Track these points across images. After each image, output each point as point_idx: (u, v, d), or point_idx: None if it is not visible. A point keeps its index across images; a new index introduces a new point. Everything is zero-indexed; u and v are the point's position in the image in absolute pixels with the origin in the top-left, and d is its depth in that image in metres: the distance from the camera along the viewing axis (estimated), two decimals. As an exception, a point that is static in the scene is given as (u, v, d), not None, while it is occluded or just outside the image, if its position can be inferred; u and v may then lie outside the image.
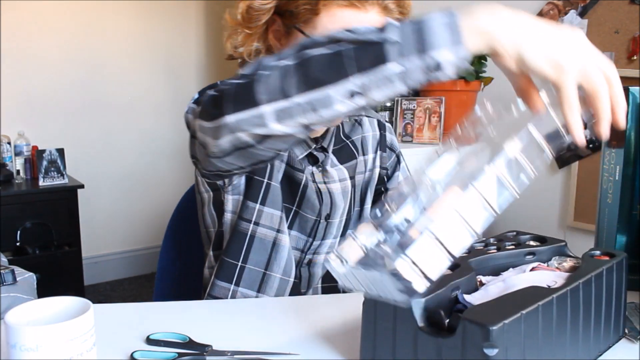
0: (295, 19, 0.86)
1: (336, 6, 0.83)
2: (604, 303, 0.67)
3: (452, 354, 0.54)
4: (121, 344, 0.73)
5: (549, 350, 0.59)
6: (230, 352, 0.71)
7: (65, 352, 0.55)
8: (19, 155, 2.85)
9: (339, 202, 1.02)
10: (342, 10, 0.83)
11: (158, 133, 3.47)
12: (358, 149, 1.07)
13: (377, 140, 1.10)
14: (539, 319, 0.57)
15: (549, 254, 0.76)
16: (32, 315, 0.60)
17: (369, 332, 0.63)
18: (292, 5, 0.86)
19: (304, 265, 1.02)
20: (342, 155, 1.04)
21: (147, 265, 3.44)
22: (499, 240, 0.79)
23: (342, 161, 1.04)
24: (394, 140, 1.15)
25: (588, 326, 0.65)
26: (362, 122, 1.10)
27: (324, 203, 1.00)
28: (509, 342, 0.53)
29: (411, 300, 0.53)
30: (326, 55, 0.57)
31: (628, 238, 0.95)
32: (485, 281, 0.69)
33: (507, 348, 0.53)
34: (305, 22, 0.85)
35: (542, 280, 0.66)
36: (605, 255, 0.71)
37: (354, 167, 1.05)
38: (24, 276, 0.96)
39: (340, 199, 1.02)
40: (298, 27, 0.86)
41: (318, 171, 1.01)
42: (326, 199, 1.00)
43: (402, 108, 1.94)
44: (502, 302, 0.57)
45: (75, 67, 3.15)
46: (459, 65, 0.55)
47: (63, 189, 2.77)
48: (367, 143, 1.09)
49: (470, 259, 0.70)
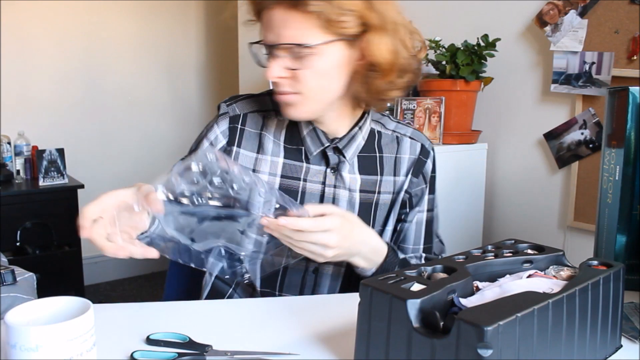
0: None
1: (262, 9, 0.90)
2: (600, 312, 0.67)
3: (446, 355, 0.54)
4: (121, 344, 0.73)
5: (543, 354, 0.58)
6: (230, 352, 0.71)
7: (65, 352, 0.55)
8: (19, 155, 2.85)
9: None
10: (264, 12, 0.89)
11: (158, 133, 3.48)
12: (386, 167, 1.05)
13: (413, 163, 1.07)
14: (534, 322, 0.57)
15: (547, 262, 0.76)
16: (32, 315, 0.60)
17: (364, 332, 0.63)
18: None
19: (310, 273, 1.02)
20: (366, 166, 1.03)
21: (147, 265, 3.44)
22: (497, 248, 0.79)
23: (363, 172, 1.03)
24: (428, 169, 1.09)
25: (584, 333, 0.65)
26: (402, 142, 1.07)
27: None
28: (504, 343, 0.53)
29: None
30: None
31: (628, 238, 0.95)
32: (482, 286, 0.69)
33: (502, 350, 0.53)
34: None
35: (539, 287, 0.66)
36: (602, 265, 0.72)
37: (374, 182, 1.03)
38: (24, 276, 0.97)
39: (343, 207, 1.00)
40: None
41: (332, 173, 1.01)
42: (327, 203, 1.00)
43: (402, 108, 1.94)
44: (497, 305, 0.57)
45: (76, 67, 3.16)
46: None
47: (63, 189, 2.76)
48: (401, 164, 1.06)
49: (468, 264, 0.70)
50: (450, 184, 1.89)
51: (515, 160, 1.98)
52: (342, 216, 0.86)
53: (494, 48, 1.84)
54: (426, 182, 1.09)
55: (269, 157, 1.01)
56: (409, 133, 1.08)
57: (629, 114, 0.92)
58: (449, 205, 1.90)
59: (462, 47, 1.85)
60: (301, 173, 1.01)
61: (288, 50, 0.87)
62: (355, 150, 1.02)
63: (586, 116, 1.74)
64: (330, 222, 0.84)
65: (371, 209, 1.04)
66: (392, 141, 1.07)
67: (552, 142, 1.86)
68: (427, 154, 1.08)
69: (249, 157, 1.02)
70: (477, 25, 1.99)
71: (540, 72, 1.88)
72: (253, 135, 1.03)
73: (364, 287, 0.63)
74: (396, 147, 1.06)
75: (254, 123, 1.04)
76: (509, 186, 2.02)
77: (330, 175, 1.01)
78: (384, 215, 1.05)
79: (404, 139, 1.07)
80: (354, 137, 1.01)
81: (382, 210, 1.05)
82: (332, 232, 0.84)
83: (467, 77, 1.83)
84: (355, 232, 0.89)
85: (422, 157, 1.07)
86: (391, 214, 1.06)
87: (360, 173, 1.02)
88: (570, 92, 1.77)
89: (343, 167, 1.01)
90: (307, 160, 1.01)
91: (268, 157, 1.01)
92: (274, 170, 1.01)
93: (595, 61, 1.69)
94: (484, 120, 2.04)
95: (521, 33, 1.91)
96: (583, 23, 1.71)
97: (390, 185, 1.05)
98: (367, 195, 1.03)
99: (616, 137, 0.94)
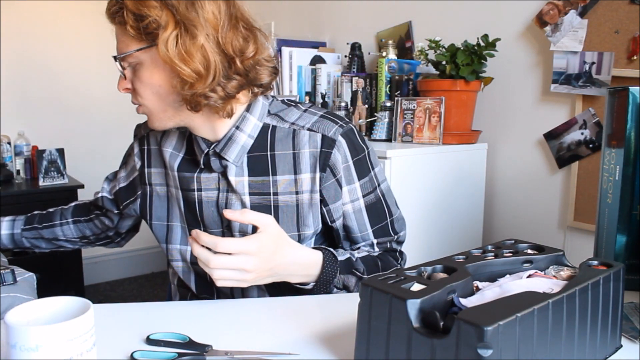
0: None
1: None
2: (601, 312, 0.67)
3: (446, 355, 0.54)
4: (121, 344, 0.73)
5: (543, 354, 0.58)
6: (230, 352, 0.71)
7: (65, 352, 0.55)
8: (19, 155, 2.85)
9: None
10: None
11: (158, 133, 3.47)
12: (280, 165, 0.98)
13: (316, 158, 0.97)
14: (534, 322, 0.57)
15: (547, 262, 0.76)
16: (32, 315, 0.60)
17: (363, 332, 0.63)
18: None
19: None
20: (255, 167, 0.99)
21: (147, 265, 3.44)
22: (497, 248, 0.79)
23: (252, 173, 0.99)
24: (336, 159, 0.97)
25: (584, 334, 0.65)
26: (297, 135, 0.98)
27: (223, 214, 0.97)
28: (504, 343, 0.53)
29: None
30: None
31: (628, 238, 0.95)
32: (482, 286, 0.69)
33: (502, 350, 0.53)
34: None
35: (539, 287, 0.66)
36: (602, 265, 0.72)
37: (266, 184, 0.98)
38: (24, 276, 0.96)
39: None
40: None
41: (223, 179, 1.00)
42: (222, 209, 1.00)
43: (402, 108, 1.94)
44: (497, 305, 0.57)
45: (75, 67, 3.16)
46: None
47: (63, 189, 2.76)
48: (301, 160, 0.97)
49: (468, 264, 0.70)
50: (450, 184, 1.89)
51: (515, 160, 1.98)
52: (267, 236, 0.83)
53: (494, 48, 1.84)
54: (336, 174, 0.98)
55: (174, 171, 1.04)
56: (308, 124, 0.98)
57: (629, 114, 0.92)
58: (449, 205, 1.90)
59: (462, 47, 1.85)
60: (194, 183, 1.02)
61: (124, 62, 0.90)
62: (241, 151, 0.97)
63: (586, 116, 1.74)
64: (246, 244, 0.81)
65: (271, 212, 0.99)
66: (287, 136, 0.98)
67: (552, 142, 1.86)
68: (331, 144, 0.96)
69: (159, 174, 1.07)
70: (477, 25, 1.99)
71: (540, 72, 1.88)
72: (155, 152, 1.08)
73: (364, 287, 0.63)
74: (291, 142, 0.97)
75: (153, 140, 1.08)
76: (509, 186, 2.02)
77: (223, 180, 1.00)
78: (293, 219, 0.99)
79: (300, 132, 0.97)
80: (231, 138, 0.96)
81: (289, 213, 0.99)
82: (249, 256, 0.82)
83: (467, 77, 1.83)
84: (279, 254, 0.86)
85: (325, 148, 0.96)
86: (309, 214, 0.99)
87: (249, 175, 0.99)
88: (570, 92, 1.77)
89: (230, 170, 0.99)
90: (201, 170, 1.01)
91: (172, 172, 1.04)
92: (176, 183, 1.04)
93: (595, 61, 1.69)
94: (484, 120, 2.04)
95: (521, 33, 1.91)
96: (583, 23, 1.71)
97: (292, 184, 0.98)
98: (260, 198, 0.99)
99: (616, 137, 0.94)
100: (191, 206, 1.03)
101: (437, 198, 1.85)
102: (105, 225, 1.21)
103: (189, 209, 1.04)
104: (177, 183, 1.04)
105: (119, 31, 0.89)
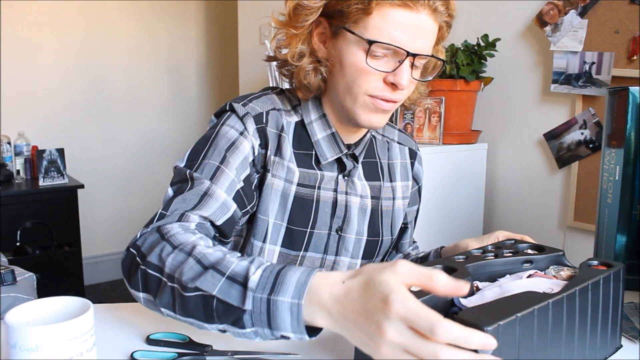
0: (345, 19, 0.84)
1: (389, 5, 0.80)
2: (601, 312, 0.67)
3: None
4: (121, 344, 0.73)
5: (543, 354, 0.58)
6: (230, 352, 0.71)
7: (65, 352, 0.55)
8: (19, 155, 2.85)
9: (353, 217, 0.97)
10: (394, 10, 0.81)
11: (158, 133, 3.47)
12: (385, 172, 1.03)
13: (406, 168, 1.07)
14: (534, 322, 0.57)
15: (547, 262, 0.76)
16: (32, 315, 0.59)
17: None
18: (343, 4, 0.83)
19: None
20: (370, 172, 1.01)
21: (147, 265, 3.43)
22: (497, 248, 0.79)
23: (368, 178, 1.00)
24: (419, 171, 1.10)
25: (584, 333, 0.65)
26: (391, 147, 1.06)
27: (336, 215, 0.96)
28: (504, 343, 0.53)
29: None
30: (199, 301, 0.63)
31: (628, 238, 0.95)
32: (482, 286, 0.69)
33: (502, 350, 0.53)
34: (355, 22, 0.83)
35: (539, 287, 0.66)
36: (602, 265, 0.72)
37: (378, 189, 1.01)
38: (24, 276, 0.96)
39: (355, 214, 0.98)
40: (347, 27, 0.84)
41: (344, 180, 0.97)
42: (339, 212, 0.96)
43: (402, 108, 1.94)
44: (497, 305, 0.57)
45: (76, 67, 3.16)
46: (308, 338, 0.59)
47: (63, 189, 2.77)
48: (396, 170, 1.05)
49: (468, 264, 0.70)
50: (450, 184, 1.89)
51: (515, 160, 1.98)
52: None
53: (494, 48, 1.84)
54: (419, 183, 1.11)
55: (286, 162, 0.91)
56: (395, 137, 1.08)
57: (629, 114, 0.92)
58: (449, 205, 1.90)
59: (462, 47, 1.85)
60: (316, 181, 0.94)
61: (423, 60, 0.88)
62: (363, 153, 0.99)
63: (586, 116, 1.74)
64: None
65: (378, 216, 1.02)
66: (383, 146, 1.05)
67: (552, 142, 1.86)
68: (415, 156, 1.10)
69: (269, 160, 0.92)
70: (477, 25, 1.99)
71: (540, 72, 1.88)
72: (273, 136, 0.92)
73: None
74: (387, 152, 1.05)
75: (274, 122, 0.92)
76: (509, 186, 2.02)
77: (342, 181, 0.96)
78: (389, 223, 1.04)
79: (392, 144, 1.06)
80: (362, 140, 0.98)
81: (388, 216, 1.03)
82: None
83: (467, 77, 1.83)
84: None
85: (413, 160, 1.09)
86: (398, 220, 1.06)
87: (366, 179, 1.00)
88: (570, 92, 1.77)
89: (355, 173, 0.98)
90: (319, 166, 0.94)
91: (285, 162, 0.91)
92: (291, 177, 0.92)
93: (595, 61, 1.69)
94: (484, 120, 2.04)
95: (521, 33, 1.91)
96: (583, 23, 1.71)
97: (389, 191, 1.03)
98: (375, 202, 1.01)
99: (616, 137, 0.94)
100: (305, 204, 0.93)
101: (437, 198, 1.85)
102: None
103: (303, 207, 0.94)
104: (295, 178, 0.93)
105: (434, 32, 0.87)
